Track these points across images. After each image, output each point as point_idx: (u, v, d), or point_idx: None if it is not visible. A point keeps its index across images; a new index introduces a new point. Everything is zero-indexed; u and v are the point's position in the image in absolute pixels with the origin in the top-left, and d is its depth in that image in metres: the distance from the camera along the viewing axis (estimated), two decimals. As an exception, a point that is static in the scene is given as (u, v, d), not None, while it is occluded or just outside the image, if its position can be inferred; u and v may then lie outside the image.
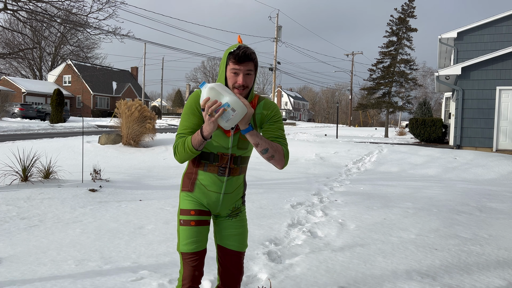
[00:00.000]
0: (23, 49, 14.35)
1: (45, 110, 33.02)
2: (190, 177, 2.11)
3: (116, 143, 12.63)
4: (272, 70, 33.61)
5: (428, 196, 6.80)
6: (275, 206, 5.75)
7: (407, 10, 24.06)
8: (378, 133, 28.31)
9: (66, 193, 5.97)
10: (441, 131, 17.77)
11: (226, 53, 1.95)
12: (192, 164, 2.10)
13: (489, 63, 14.00)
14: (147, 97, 53.59)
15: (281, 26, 33.27)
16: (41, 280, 3.07)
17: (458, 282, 3.18)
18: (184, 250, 2.07)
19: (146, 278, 3.15)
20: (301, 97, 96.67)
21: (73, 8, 9.87)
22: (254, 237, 4.25)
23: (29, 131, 20.72)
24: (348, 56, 50.00)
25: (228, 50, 1.94)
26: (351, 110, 50.24)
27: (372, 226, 4.78)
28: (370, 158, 11.80)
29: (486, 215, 5.50)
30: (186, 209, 2.10)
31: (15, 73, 51.83)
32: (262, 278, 3.21)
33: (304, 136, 20.19)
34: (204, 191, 2.08)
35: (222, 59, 1.97)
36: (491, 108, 14.02)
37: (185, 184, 2.13)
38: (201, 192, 2.09)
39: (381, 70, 24.92)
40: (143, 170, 8.97)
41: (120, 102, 12.74)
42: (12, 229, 4.41)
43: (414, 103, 35.20)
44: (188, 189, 2.11)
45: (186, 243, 2.07)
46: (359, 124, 69.91)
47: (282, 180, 8.23)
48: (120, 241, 4.07)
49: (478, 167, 10.45)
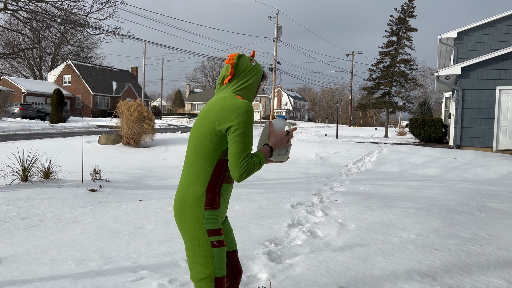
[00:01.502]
0: (23, 49, 14.33)
1: (45, 110, 33.02)
2: (215, 192, 1.93)
3: (116, 143, 12.63)
4: (272, 70, 33.61)
5: (428, 196, 6.80)
6: (275, 206, 5.75)
7: (407, 10, 24.07)
8: (378, 133, 28.31)
9: (66, 193, 5.97)
10: (441, 131, 17.77)
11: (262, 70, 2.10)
12: (215, 178, 1.92)
13: (489, 63, 14.00)
14: (147, 97, 53.59)
15: (281, 26, 33.27)
16: (41, 280, 3.07)
17: (458, 282, 3.18)
18: (220, 274, 1.91)
19: (146, 278, 3.15)
20: (301, 97, 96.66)
21: (73, 8, 9.88)
22: (254, 237, 4.25)
23: (29, 131, 20.72)
24: (348, 56, 50.00)
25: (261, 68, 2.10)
26: (351, 110, 50.25)
27: (372, 226, 4.78)
28: (370, 158, 11.80)
29: (486, 215, 5.50)
30: (215, 229, 1.91)
31: (15, 73, 51.84)
32: (262, 278, 3.21)
33: (304, 136, 20.19)
34: (225, 204, 2.00)
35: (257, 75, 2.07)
36: (491, 108, 14.02)
37: (212, 201, 1.92)
38: (224, 206, 2.00)
39: (381, 70, 24.93)
40: (143, 170, 8.97)
41: (121, 102, 12.75)
42: (12, 229, 4.41)
43: (414, 103, 35.20)
44: (215, 206, 1.93)
45: (221, 266, 1.92)
46: (359, 124, 69.92)
47: (282, 180, 8.23)
48: (120, 241, 4.07)
49: (478, 167, 10.45)
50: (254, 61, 2.08)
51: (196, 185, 1.92)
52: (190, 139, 2.00)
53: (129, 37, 11.90)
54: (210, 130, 1.89)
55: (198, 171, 1.93)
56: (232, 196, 6.39)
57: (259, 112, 74.55)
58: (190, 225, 1.91)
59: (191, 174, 1.94)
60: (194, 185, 1.93)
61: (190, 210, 1.90)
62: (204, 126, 1.91)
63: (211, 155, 1.90)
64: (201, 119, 1.95)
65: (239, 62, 2.03)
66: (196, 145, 1.93)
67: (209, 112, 1.93)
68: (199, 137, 1.92)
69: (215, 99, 1.97)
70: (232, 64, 2.02)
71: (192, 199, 1.91)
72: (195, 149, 1.94)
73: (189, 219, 1.91)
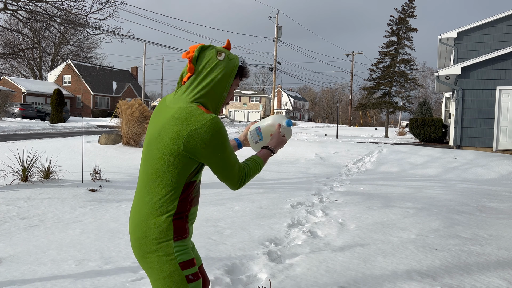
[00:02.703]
0: (23, 49, 14.35)
1: (45, 110, 33.04)
2: (183, 220, 1.61)
3: (116, 143, 12.63)
4: (272, 70, 33.60)
5: (428, 196, 6.80)
6: (275, 206, 5.75)
7: (407, 10, 24.08)
8: (378, 133, 28.31)
9: (66, 193, 5.97)
10: (441, 131, 17.77)
11: (235, 65, 1.66)
12: (182, 205, 1.60)
13: (489, 63, 14.00)
14: (147, 97, 53.59)
15: (281, 26, 33.26)
16: (41, 280, 3.07)
17: (458, 282, 3.18)
18: None
19: (146, 278, 3.15)
20: (301, 97, 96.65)
21: (73, 8, 9.87)
22: (254, 237, 4.25)
23: (29, 131, 20.72)
24: (348, 56, 49.99)
25: (237, 61, 1.67)
26: (351, 110, 50.24)
27: (372, 226, 4.78)
28: (370, 158, 11.80)
29: (486, 215, 5.50)
30: (188, 260, 1.60)
31: (15, 73, 51.85)
32: (262, 278, 3.21)
33: (304, 136, 20.18)
34: (192, 228, 1.71)
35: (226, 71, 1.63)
36: (491, 108, 14.02)
37: (181, 230, 1.60)
38: (192, 231, 1.71)
39: (381, 70, 24.93)
40: (143, 170, 8.96)
41: (121, 102, 12.76)
42: (12, 229, 4.41)
43: (414, 103, 35.20)
44: (185, 235, 1.61)
45: None
46: (359, 124, 69.90)
47: (282, 180, 8.23)
48: (120, 241, 4.07)
49: (478, 167, 10.45)
50: (224, 54, 1.64)
51: (159, 215, 1.57)
52: (145, 161, 1.63)
53: (129, 37, 11.91)
54: (173, 153, 1.54)
55: (160, 199, 1.58)
56: (232, 196, 6.39)
57: (259, 112, 74.59)
58: (157, 264, 1.56)
59: (150, 203, 1.59)
60: (156, 215, 1.57)
61: (155, 246, 1.56)
62: (164, 147, 1.55)
63: (176, 181, 1.57)
64: (158, 136, 1.58)
65: (200, 55, 1.62)
66: (155, 170, 1.58)
67: (168, 128, 1.55)
68: (158, 160, 1.57)
69: (174, 110, 1.58)
70: (190, 58, 1.61)
71: (157, 232, 1.56)
72: (154, 174, 1.58)
73: (155, 257, 1.56)
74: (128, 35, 11.51)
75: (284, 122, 2.00)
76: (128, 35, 11.51)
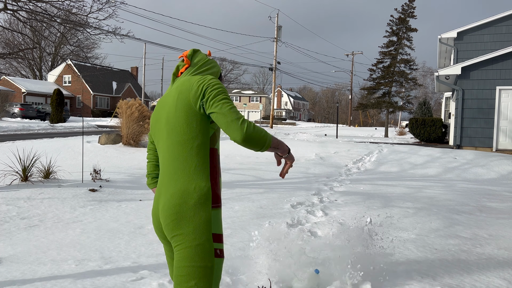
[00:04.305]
0: (23, 49, 14.32)
1: (45, 110, 33.03)
2: (217, 188, 1.68)
3: (116, 143, 12.63)
4: (272, 70, 33.61)
5: (428, 196, 6.80)
6: (275, 206, 5.75)
7: (407, 10, 24.09)
8: (378, 133, 28.31)
9: (66, 193, 5.97)
10: (441, 131, 17.77)
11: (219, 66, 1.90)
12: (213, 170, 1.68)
13: (489, 63, 14.00)
14: (147, 97, 53.59)
15: (281, 26, 33.26)
16: (41, 280, 3.07)
17: (458, 282, 3.18)
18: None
19: (146, 278, 3.15)
20: (301, 97, 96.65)
21: (73, 8, 9.87)
22: (254, 237, 4.25)
23: (29, 131, 20.72)
24: (348, 56, 50.00)
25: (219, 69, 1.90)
26: (351, 110, 50.24)
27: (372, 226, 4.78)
28: (370, 158, 11.80)
29: (486, 215, 5.50)
30: (220, 234, 1.63)
31: (15, 73, 51.85)
32: (262, 278, 3.21)
33: (304, 136, 20.17)
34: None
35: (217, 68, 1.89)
36: (491, 108, 14.03)
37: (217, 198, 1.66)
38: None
39: (381, 70, 24.95)
40: (143, 170, 8.96)
41: (121, 101, 12.76)
42: (12, 229, 4.41)
43: (414, 103, 35.21)
44: (220, 204, 1.68)
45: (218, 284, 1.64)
46: (359, 124, 69.90)
47: (282, 180, 8.23)
48: (120, 241, 4.07)
49: (478, 167, 10.46)
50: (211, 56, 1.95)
51: (199, 179, 1.62)
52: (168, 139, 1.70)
53: (129, 37, 11.90)
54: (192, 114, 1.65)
55: (196, 162, 1.63)
56: (232, 196, 6.39)
57: (259, 112, 74.56)
58: (193, 230, 1.58)
59: (185, 172, 1.62)
60: (197, 179, 1.62)
61: (194, 211, 1.59)
62: (183, 112, 1.65)
63: (204, 142, 1.66)
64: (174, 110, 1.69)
65: (194, 54, 1.87)
66: (184, 140, 1.65)
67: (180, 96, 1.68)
68: (182, 126, 1.65)
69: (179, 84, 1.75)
70: (186, 55, 1.85)
71: (197, 197, 1.60)
72: (183, 140, 1.65)
73: (193, 222, 1.58)
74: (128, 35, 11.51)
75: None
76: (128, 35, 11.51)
